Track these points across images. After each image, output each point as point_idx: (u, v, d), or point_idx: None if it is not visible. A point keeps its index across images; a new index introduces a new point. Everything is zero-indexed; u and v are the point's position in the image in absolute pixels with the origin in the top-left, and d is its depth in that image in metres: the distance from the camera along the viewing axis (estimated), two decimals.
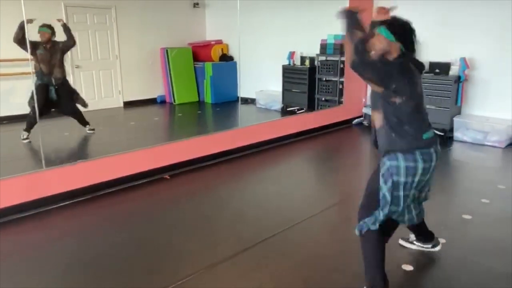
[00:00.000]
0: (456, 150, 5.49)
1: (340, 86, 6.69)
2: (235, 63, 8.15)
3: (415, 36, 2.22)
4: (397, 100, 2.12)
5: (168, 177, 4.38)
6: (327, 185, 4.43)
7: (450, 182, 4.46)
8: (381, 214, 2.24)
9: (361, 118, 6.87)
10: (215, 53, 8.25)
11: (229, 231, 3.21)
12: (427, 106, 5.84)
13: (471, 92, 5.93)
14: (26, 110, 4.62)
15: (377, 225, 2.24)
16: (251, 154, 5.22)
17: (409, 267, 2.65)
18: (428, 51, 6.23)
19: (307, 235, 3.18)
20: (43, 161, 3.68)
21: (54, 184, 3.69)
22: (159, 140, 5.24)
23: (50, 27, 4.86)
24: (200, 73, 8.29)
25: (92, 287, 2.52)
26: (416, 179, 2.18)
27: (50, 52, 4.86)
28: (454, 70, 5.82)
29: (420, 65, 2.32)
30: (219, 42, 8.39)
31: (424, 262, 2.73)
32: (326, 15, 6.97)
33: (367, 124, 6.74)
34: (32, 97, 4.53)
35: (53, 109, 5.04)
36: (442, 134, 6.00)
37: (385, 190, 2.21)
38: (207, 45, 8.29)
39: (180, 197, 3.97)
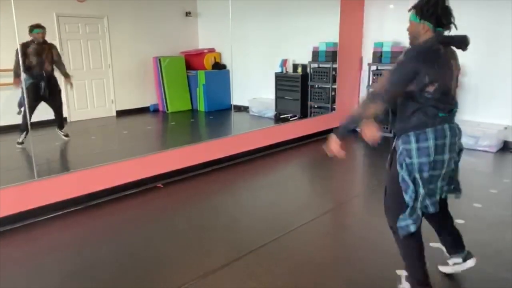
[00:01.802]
0: None
1: (333, 93, 6.73)
2: (228, 71, 8.17)
3: (447, 9, 2.06)
4: (431, 89, 2.00)
5: (162, 186, 4.37)
6: (320, 192, 4.44)
7: None
8: (409, 203, 2.11)
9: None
10: (208, 61, 8.27)
11: (223, 240, 3.20)
12: None
13: (462, 97, 5.99)
14: (15, 120, 4.63)
15: (415, 224, 2.13)
16: (244, 162, 5.22)
17: (404, 273, 2.65)
18: None
19: (300, 242, 3.17)
20: (35, 171, 3.66)
21: (46, 194, 3.66)
22: (152, 149, 5.22)
23: (42, 26, 5.04)
24: (193, 82, 8.30)
25: None
26: (431, 158, 2.05)
27: (42, 48, 5.01)
28: None
29: (460, 41, 2.13)
30: (211, 50, 8.42)
31: None
32: (318, 22, 7.07)
33: (359, 131, 6.76)
34: (23, 97, 4.60)
35: (43, 101, 5.14)
36: None
37: (404, 176, 2.10)
38: (200, 54, 8.31)
39: (174, 206, 3.96)
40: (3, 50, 5.17)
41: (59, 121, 5.38)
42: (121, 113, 7.38)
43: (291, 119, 7.12)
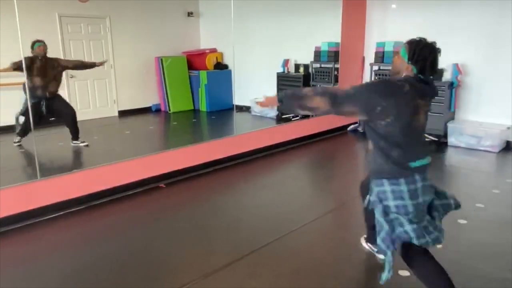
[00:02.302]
0: (450, 155, 5.52)
1: None
2: (230, 71, 8.17)
3: (435, 61, 2.11)
4: (383, 121, 2.02)
5: (164, 186, 4.38)
6: (322, 192, 4.44)
7: (444, 187, 4.46)
8: (381, 243, 2.14)
9: (356, 125, 6.90)
10: (210, 61, 8.27)
11: (225, 239, 3.20)
12: None
13: (464, 97, 5.98)
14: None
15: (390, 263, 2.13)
16: (246, 162, 5.23)
17: (405, 273, 2.65)
18: None
19: (302, 242, 3.17)
20: (38, 171, 3.67)
21: (49, 194, 3.67)
22: (155, 149, 5.23)
23: (42, 40, 4.92)
24: (195, 82, 8.30)
25: None
26: (408, 201, 2.07)
27: (46, 66, 4.90)
28: (447, 76, 5.87)
29: (429, 90, 2.12)
30: (213, 50, 8.42)
31: None
32: (320, 22, 7.07)
33: (362, 131, 6.77)
34: (23, 115, 4.67)
35: (51, 118, 5.10)
36: (436, 139, 6.04)
37: (379, 218, 2.13)
38: (202, 54, 8.31)
39: (176, 206, 3.97)
40: (5, 51, 5.19)
41: (74, 133, 5.17)
42: (123, 113, 7.39)
43: (293, 119, 7.12)
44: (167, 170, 4.50)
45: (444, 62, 5.94)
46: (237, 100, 6.33)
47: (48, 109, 4.92)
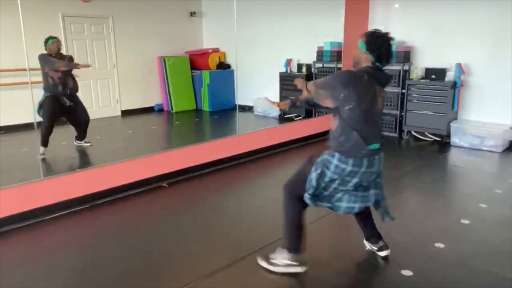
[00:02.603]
0: (453, 155, 5.50)
1: None
2: (232, 71, 8.18)
3: (389, 49, 2.36)
4: (347, 107, 2.33)
5: (166, 185, 4.38)
6: None
7: (448, 187, 4.47)
8: (307, 197, 2.48)
9: None
10: (212, 61, 8.28)
11: (227, 239, 3.20)
12: (425, 112, 5.94)
13: (468, 97, 5.96)
14: (21, 120, 4.64)
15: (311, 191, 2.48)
16: (249, 161, 5.23)
17: (408, 272, 2.65)
18: (424, 57, 6.29)
19: (306, 242, 3.18)
20: (41, 171, 3.68)
21: (52, 194, 3.68)
22: (157, 149, 5.24)
23: (56, 37, 4.85)
24: (197, 81, 8.31)
25: None
26: (340, 177, 2.43)
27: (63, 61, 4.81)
28: (450, 76, 5.86)
29: (384, 79, 2.44)
30: (216, 50, 8.43)
31: (423, 267, 2.73)
32: (323, 22, 7.06)
33: None
34: (40, 111, 4.59)
35: (64, 119, 4.97)
36: (439, 139, 6.03)
37: (313, 176, 2.47)
38: (204, 54, 8.32)
39: (178, 205, 3.97)
40: (8, 51, 5.22)
41: (82, 136, 5.12)
42: (126, 113, 7.40)
43: (295, 119, 7.12)
44: (169, 170, 4.51)
45: (447, 61, 5.95)
46: (240, 100, 6.34)
47: (68, 105, 4.83)
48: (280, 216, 3.08)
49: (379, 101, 2.42)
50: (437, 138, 6.08)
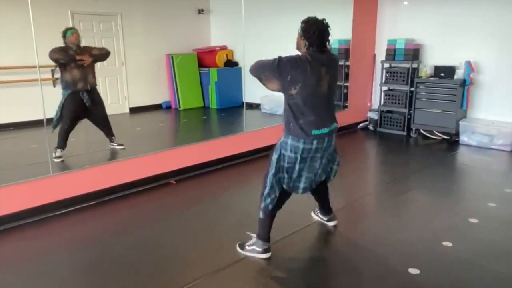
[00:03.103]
0: (462, 154, 5.47)
1: (345, 91, 6.70)
2: (240, 68, 8.18)
3: (322, 34, 2.59)
4: (293, 91, 2.56)
5: (174, 182, 4.40)
6: (332, 190, 4.41)
7: (456, 186, 4.45)
8: (270, 178, 2.75)
9: (366, 123, 6.86)
10: (220, 58, 8.28)
11: (235, 236, 3.21)
12: (433, 110, 5.90)
13: (477, 95, 5.91)
14: (31, 117, 4.65)
15: (273, 196, 2.77)
16: (256, 159, 5.23)
17: (415, 271, 2.65)
18: (433, 55, 6.24)
19: (311, 240, 3.19)
20: (50, 167, 3.72)
21: (61, 190, 3.72)
22: (165, 146, 5.26)
23: (75, 28, 4.64)
24: (205, 79, 8.32)
25: None
26: (298, 155, 2.67)
27: (82, 56, 4.53)
28: (459, 74, 5.81)
29: (328, 60, 2.64)
30: (224, 48, 8.43)
31: (431, 265, 2.72)
32: (331, 19, 7.01)
33: (372, 128, 6.73)
34: (61, 109, 4.45)
35: (85, 118, 4.76)
36: (448, 138, 5.99)
37: (274, 158, 2.76)
38: (212, 51, 8.32)
39: (186, 202, 3.99)
40: (18, 49, 5.26)
41: (109, 132, 4.90)
42: (134, 110, 7.43)
43: None
44: (177, 167, 4.53)
45: (456, 59, 5.90)
46: (247, 98, 6.34)
47: (89, 102, 4.63)
48: (287, 215, 3.10)
49: (324, 82, 2.60)
50: (445, 137, 6.04)
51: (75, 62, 4.47)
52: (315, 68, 2.56)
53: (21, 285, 2.62)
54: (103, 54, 4.82)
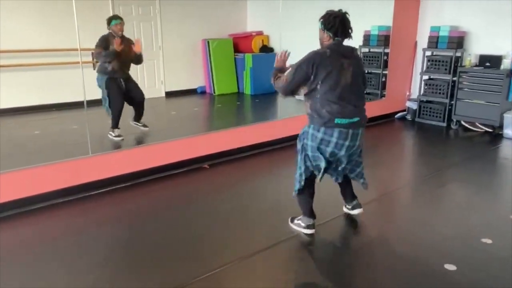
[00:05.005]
0: (505, 148, 5.22)
1: (383, 79, 6.52)
2: (275, 54, 8.10)
3: (343, 24, 2.68)
4: (316, 85, 2.64)
5: (208, 167, 4.45)
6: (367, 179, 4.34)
7: (497, 181, 4.26)
8: (299, 163, 2.88)
9: (404, 112, 6.67)
10: (256, 44, 8.23)
11: (267, 222, 3.22)
12: (476, 101, 5.66)
13: None
14: (71, 98, 4.80)
15: (303, 181, 2.88)
16: (289, 146, 5.19)
17: (452, 267, 2.57)
18: (479, 43, 5.95)
19: (341, 231, 3.16)
20: (89, 148, 3.83)
21: (99, 170, 3.83)
22: (199, 130, 5.31)
23: (120, 17, 4.70)
24: (240, 64, 8.31)
25: (131, 270, 2.61)
26: (316, 144, 2.72)
27: (123, 47, 4.60)
28: (506, 64, 5.52)
29: (347, 51, 2.73)
30: (259, 33, 8.37)
31: (468, 262, 2.63)
32: (371, 5, 6.82)
33: (410, 119, 6.54)
34: (108, 95, 4.61)
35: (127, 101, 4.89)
36: (491, 130, 5.73)
37: (299, 147, 2.89)
38: (248, 37, 8.28)
39: (218, 187, 4.03)
40: (62, 31, 5.41)
41: (140, 115, 5.00)
42: (169, 94, 7.54)
43: None
44: (211, 152, 4.57)
45: (503, 48, 5.61)
46: None
47: (126, 89, 4.78)
48: (319, 203, 3.07)
49: (347, 74, 2.65)
50: (488, 129, 5.78)
51: (117, 51, 4.57)
52: (335, 59, 2.63)
53: (64, 260, 2.73)
54: (137, 58, 4.91)
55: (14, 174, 3.39)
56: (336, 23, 2.64)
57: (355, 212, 3.21)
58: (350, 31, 2.73)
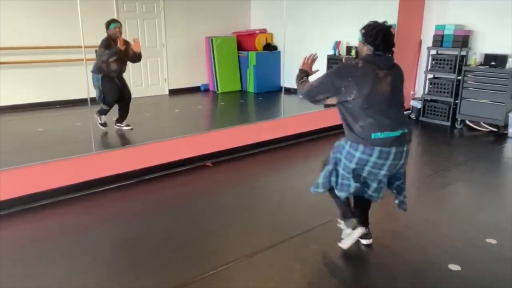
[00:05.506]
0: (510, 148, 5.19)
1: None
2: (279, 52, 8.09)
3: (386, 39, 2.44)
4: (349, 98, 2.40)
5: (211, 165, 4.44)
6: None
7: (502, 181, 4.24)
8: (325, 171, 2.68)
9: (409, 111, 6.64)
10: (259, 42, 8.22)
11: (270, 221, 3.21)
12: (481, 100, 5.63)
13: None
14: (75, 95, 4.82)
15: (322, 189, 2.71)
16: (293, 144, 5.19)
17: (456, 267, 2.55)
18: (484, 42, 5.92)
19: None
20: (93, 145, 3.83)
21: (103, 167, 3.83)
22: (202, 128, 5.30)
23: (118, 21, 4.81)
24: (243, 62, 8.30)
25: (134, 267, 2.60)
26: (352, 165, 2.47)
27: (121, 50, 4.66)
28: (511, 63, 5.48)
29: (383, 61, 2.45)
30: (263, 31, 8.35)
31: (473, 262, 2.62)
32: (375, 3, 6.78)
33: (414, 118, 6.51)
34: (102, 92, 4.70)
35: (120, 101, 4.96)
36: (496, 130, 5.70)
37: (331, 156, 2.65)
38: (252, 34, 8.27)
39: (221, 185, 4.02)
40: (66, 29, 5.41)
41: (124, 116, 5.04)
42: (173, 92, 7.54)
43: None
44: (214, 150, 4.56)
45: (509, 47, 5.57)
46: (286, 82, 6.27)
47: (120, 88, 4.88)
48: (322, 202, 3.05)
49: (383, 85, 2.41)
50: (493, 129, 5.75)
51: (116, 53, 4.67)
52: (368, 70, 2.40)
53: (66, 258, 2.73)
54: (137, 56, 4.96)
55: (17, 172, 3.39)
56: (379, 38, 2.41)
57: (364, 242, 2.85)
58: (392, 46, 2.49)
